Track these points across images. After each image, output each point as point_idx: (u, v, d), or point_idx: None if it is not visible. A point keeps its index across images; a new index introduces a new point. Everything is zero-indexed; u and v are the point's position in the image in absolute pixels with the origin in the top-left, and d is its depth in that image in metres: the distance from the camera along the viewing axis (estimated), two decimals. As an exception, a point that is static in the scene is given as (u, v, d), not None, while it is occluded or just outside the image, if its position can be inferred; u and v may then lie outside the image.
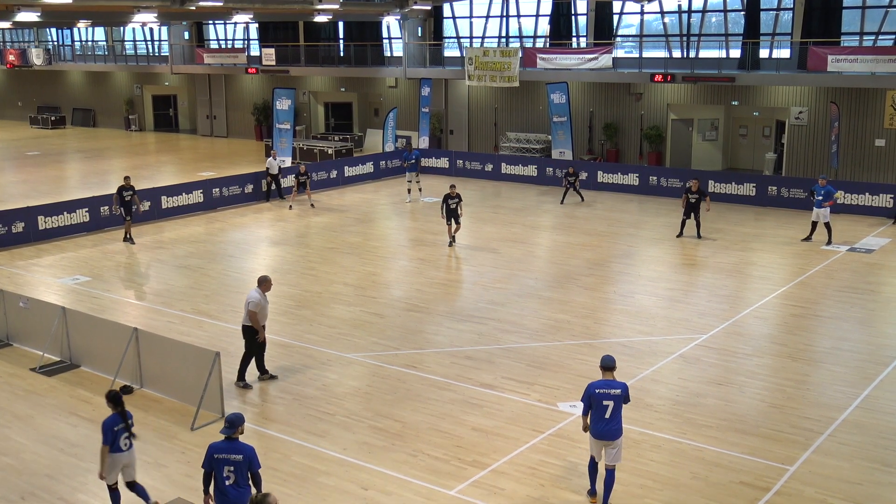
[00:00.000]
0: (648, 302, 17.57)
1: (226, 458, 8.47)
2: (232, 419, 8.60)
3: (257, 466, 8.56)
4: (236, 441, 8.54)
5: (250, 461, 8.48)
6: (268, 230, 24.69)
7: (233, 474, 8.44)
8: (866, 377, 13.65)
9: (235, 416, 8.66)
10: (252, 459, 8.50)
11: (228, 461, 8.45)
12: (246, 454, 8.47)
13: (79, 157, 40.37)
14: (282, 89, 34.34)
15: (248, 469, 8.48)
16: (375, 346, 15.22)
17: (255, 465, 8.54)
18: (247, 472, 8.49)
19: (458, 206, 21.72)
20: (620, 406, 9.84)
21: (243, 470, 8.45)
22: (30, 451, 11.58)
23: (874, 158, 28.50)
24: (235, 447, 8.49)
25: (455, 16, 39.30)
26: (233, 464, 8.44)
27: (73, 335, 14.49)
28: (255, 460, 8.53)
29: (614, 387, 9.83)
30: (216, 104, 47.76)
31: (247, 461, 8.46)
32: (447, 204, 21.62)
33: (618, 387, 9.84)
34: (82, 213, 23.97)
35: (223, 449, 8.51)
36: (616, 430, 9.84)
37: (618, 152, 34.26)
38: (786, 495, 10.23)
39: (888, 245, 21.97)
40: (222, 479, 8.48)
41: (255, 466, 8.52)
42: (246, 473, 8.48)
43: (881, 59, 27.25)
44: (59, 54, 54.46)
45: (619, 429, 9.88)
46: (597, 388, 9.79)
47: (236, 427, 8.58)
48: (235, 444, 8.51)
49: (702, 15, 33.11)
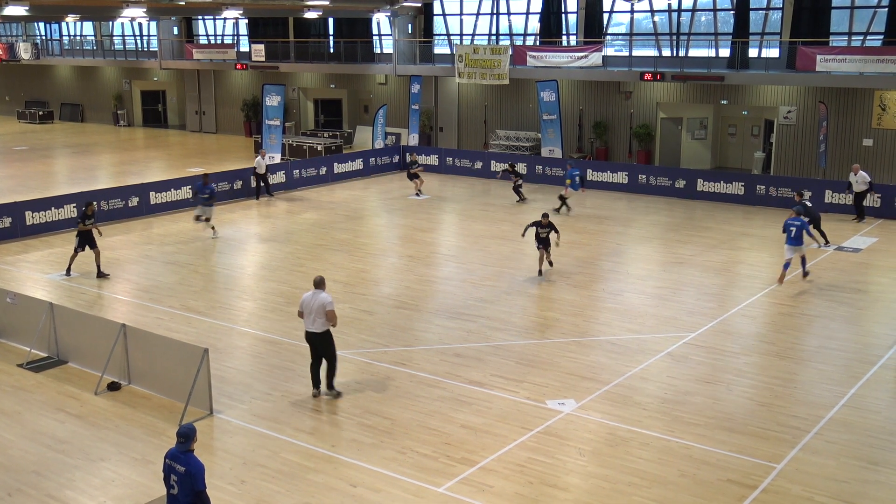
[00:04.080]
0: (637, 300, 17.62)
1: (171, 465, 8.19)
2: (184, 432, 8.22)
3: (200, 486, 8.07)
4: (187, 454, 8.16)
5: (192, 477, 8.04)
6: (256, 227, 24.64)
7: (176, 485, 8.14)
8: (853, 376, 13.73)
9: (188, 427, 8.27)
10: (195, 477, 8.04)
11: (174, 470, 8.16)
12: (189, 468, 8.07)
13: (67, 152, 40.17)
14: (271, 85, 34.25)
15: (190, 485, 8.07)
16: (364, 343, 15.21)
17: (198, 483, 8.06)
18: (190, 488, 8.08)
19: (548, 234, 19.09)
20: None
21: (186, 483, 8.07)
22: (17, 447, 11.53)
23: (862, 158, 28.62)
24: (182, 458, 8.14)
25: (445, 13, 39.27)
26: (177, 474, 8.13)
27: (61, 331, 14.43)
28: (197, 478, 8.06)
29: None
30: (205, 100, 47.58)
31: (188, 476, 8.05)
32: (537, 233, 19.03)
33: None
34: (70, 208, 23.84)
35: (173, 456, 8.22)
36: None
37: (607, 150, 34.32)
38: (773, 493, 10.28)
39: (875, 244, 22.09)
40: (168, 486, 8.24)
41: (197, 485, 8.06)
42: (188, 489, 8.08)
43: (869, 58, 27.39)
44: (48, 48, 54.13)
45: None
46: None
47: (189, 440, 8.19)
48: (183, 456, 8.15)
49: (691, 14, 33.19)
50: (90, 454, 11.31)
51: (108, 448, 11.48)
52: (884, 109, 28.27)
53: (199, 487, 8.09)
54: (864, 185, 24.34)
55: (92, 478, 10.72)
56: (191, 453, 8.19)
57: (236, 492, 10.34)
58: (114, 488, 10.47)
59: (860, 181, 24.37)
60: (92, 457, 11.24)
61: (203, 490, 8.13)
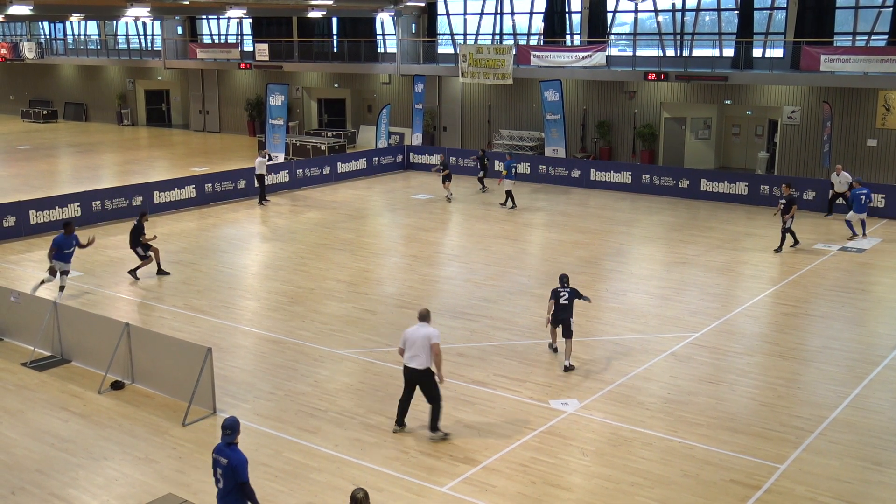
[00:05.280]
0: (640, 300, 17.60)
1: (217, 459, 8.45)
2: (229, 424, 8.47)
3: (242, 478, 8.32)
4: (231, 447, 8.42)
5: (235, 470, 8.29)
6: (260, 226, 24.65)
7: (221, 478, 8.39)
8: (857, 376, 13.71)
9: (232, 420, 8.53)
10: (237, 469, 8.29)
11: (219, 463, 8.41)
12: (231, 461, 8.31)
13: (71, 151, 40.22)
14: (275, 85, 34.29)
15: (233, 478, 8.31)
16: (367, 343, 15.22)
17: (241, 475, 8.31)
18: (233, 480, 8.32)
19: (571, 301, 14.16)
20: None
21: (229, 476, 8.31)
22: (20, 446, 11.55)
23: (866, 158, 28.59)
24: (226, 451, 8.39)
25: (449, 12, 39.27)
26: (221, 467, 8.38)
27: (65, 330, 14.45)
28: (240, 471, 8.30)
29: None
30: (209, 99, 47.62)
31: (231, 468, 8.29)
32: (557, 300, 14.14)
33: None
34: (74, 207, 23.89)
35: (218, 450, 8.48)
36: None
37: (611, 150, 34.30)
38: (776, 493, 10.27)
39: (879, 245, 22.05)
40: (215, 479, 8.48)
41: (239, 477, 8.31)
42: (232, 481, 8.32)
43: (873, 59, 27.33)
44: (52, 48, 54.25)
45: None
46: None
47: (234, 432, 8.45)
48: (227, 450, 8.41)
49: (695, 14, 33.16)
50: (93, 453, 11.33)
51: (112, 447, 11.50)
52: (888, 109, 28.22)
53: (241, 479, 8.32)
54: (845, 186, 24.33)
55: (95, 476, 10.74)
56: (234, 446, 8.42)
57: (239, 491, 10.35)
58: (117, 487, 10.48)
59: (842, 181, 24.41)
60: (95, 456, 11.26)
61: (246, 482, 8.35)
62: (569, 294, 14.12)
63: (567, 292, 14.12)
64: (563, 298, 14.08)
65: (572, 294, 14.16)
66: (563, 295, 14.10)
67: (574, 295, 14.17)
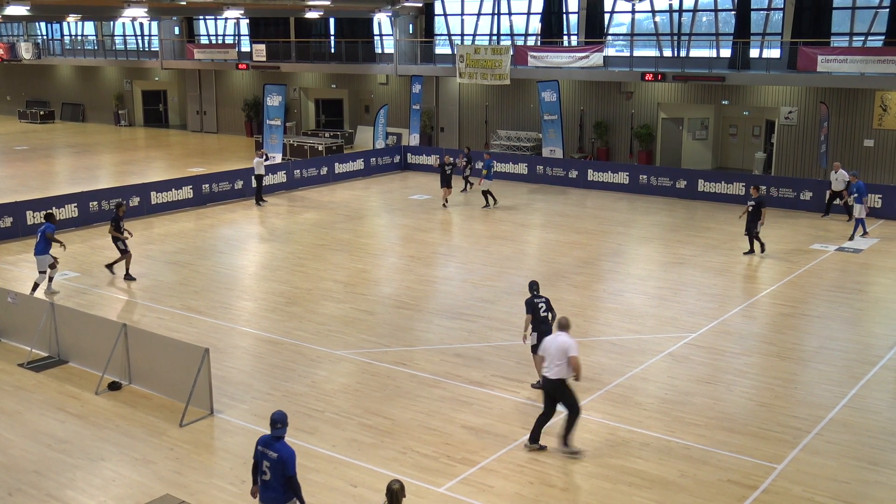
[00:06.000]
0: (638, 300, 17.61)
1: (263, 451, 8.55)
2: (279, 417, 8.55)
3: (290, 472, 8.42)
4: (279, 440, 8.51)
5: (284, 463, 8.39)
6: (257, 227, 24.64)
7: (269, 471, 8.50)
8: (854, 376, 13.72)
9: (281, 413, 8.60)
10: (286, 463, 8.39)
11: (266, 456, 8.51)
12: (280, 455, 8.41)
13: (68, 151, 40.18)
14: (272, 85, 34.27)
15: (282, 471, 8.41)
16: (365, 343, 15.22)
17: (289, 469, 8.41)
18: (281, 473, 8.41)
19: (548, 311, 12.96)
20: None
21: (278, 469, 8.42)
22: (17, 446, 11.53)
23: (863, 158, 28.62)
24: (274, 445, 8.49)
25: (446, 13, 39.28)
26: (269, 460, 8.48)
27: (62, 331, 14.44)
28: (289, 464, 8.41)
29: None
30: (206, 100, 47.60)
31: (280, 462, 8.39)
32: (536, 313, 12.87)
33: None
34: (71, 208, 23.87)
35: (265, 443, 8.57)
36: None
37: (608, 151, 34.31)
38: (773, 493, 10.28)
39: (876, 245, 22.08)
40: (261, 472, 8.59)
41: (288, 470, 8.41)
42: (280, 474, 8.42)
43: (870, 59, 27.37)
44: (49, 48, 54.17)
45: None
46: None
47: (284, 425, 8.54)
48: (275, 443, 8.50)
49: (692, 14, 33.19)
50: (91, 454, 11.32)
51: (109, 448, 11.49)
52: (885, 110, 28.25)
53: (289, 473, 8.42)
54: (843, 185, 24.36)
55: (92, 477, 10.73)
56: (282, 440, 8.52)
57: (236, 491, 10.35)
58: (114, 488, 10.47)
59: (839, 179, 24.44)
60: (92, 456, 11.25)
61: (294, 476, 8.45)
62: (545, 304, 12.88)
63: (543, 302, 12.87)
64: (541, 311, 12.79)
65: (548, 304, 12.93)
66: (540, 306, 12.81)
67: (549, 306, 12.94)
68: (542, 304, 12.85)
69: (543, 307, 12.82)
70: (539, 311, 12.77)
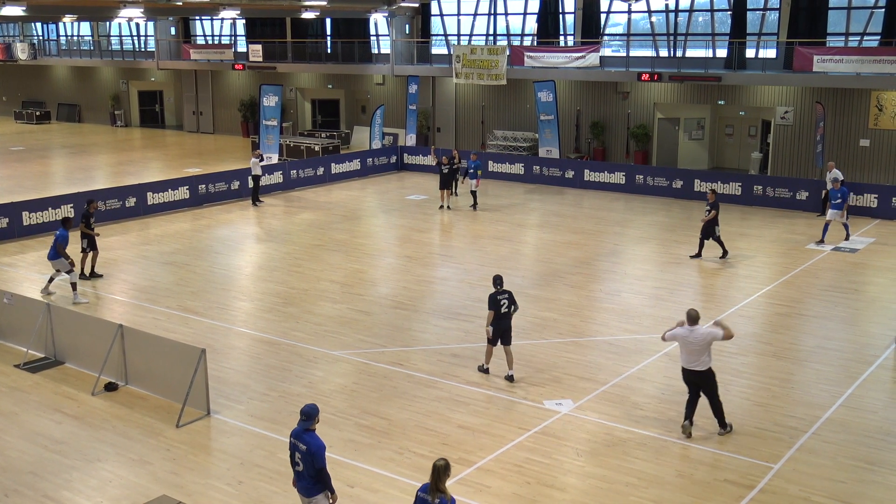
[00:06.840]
0: (635, 300, 17.62)
1: (295, 443, 8.67)
2: (307, 410, 8.65)
3: (320, 464, 8.54)
4: (309, 432, 8.61)
5: (313, 455, 8.51)
6: (254, 227, 24.62)
7: (301, 462, 8.63)
8: (850, 376, 13.74)
9: (311, 406, 8.71)
10: (315, 455, 8.51)
11: (298, 448, 8.63)
12: (309, 447, 8.53)
13: (64, 152, 40.12)
14: (269, 86, 34.20)
15: (312, 463, 8.54)
16: (362, 344, 15.21)
17: (318, 461, 8.53)
18: (311, 464, 8.55)
19: (510, 307, 13.35)
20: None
21: (308, 461, 8.55)
22: (14, 448, 11.51)
23: (859, 158, 28.67)
24: (304, 437, 8.60)
25: (443, 13, 39.27)
26: (300, 452, 8.61)
27: (58, 332, 14.41)
28: (318, 456, 8.53)
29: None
30: (202, 100, 47.55)
31: (309, 455, 8.52)
32: (497, 308, 13.22)
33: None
34: (67, 208, 23.82)
35: (297, 435, 8.68)
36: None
37: (604, 151, 34.33)
38: (770, 493, 10.29)
39: (872, 245, 22.11)
40: (293, 463, 8.72)
41: (317, 462, 8.53)
42: (311, 465, 8.55)
43: (866, 59, 27.41)
44: (45, 49, 54.08)
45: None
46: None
47: (311, 419, 8.64)
48: (305, 435, 8.61)
49: (689, 14, 33.22)
50: (87, 455, 11.30)
51: (106, 449, 11.47)
52: (880, 110, 28.30)
53: (319, 465, 8.54)
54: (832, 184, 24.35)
55: (89, 478, 10.71)
56: (313, 432, 8.63)
57: (233, 492, 10.34)
58: (111, 489, 10.46)
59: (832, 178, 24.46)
60: (89, 457, 11.23)
61: (323, 467, 8.56)
62: (507, 300, 13.14)
63: (506, 299, 13.13)
64: (503, 307, 13.03)
65: (510, 299, 13.18)
66: (502, 302, 13.05)
67: (511, 300, 13.20)
68: (505, 300, 13.20)
69: (506, 303, 13.19)
70: (501, 307, 13.16)
